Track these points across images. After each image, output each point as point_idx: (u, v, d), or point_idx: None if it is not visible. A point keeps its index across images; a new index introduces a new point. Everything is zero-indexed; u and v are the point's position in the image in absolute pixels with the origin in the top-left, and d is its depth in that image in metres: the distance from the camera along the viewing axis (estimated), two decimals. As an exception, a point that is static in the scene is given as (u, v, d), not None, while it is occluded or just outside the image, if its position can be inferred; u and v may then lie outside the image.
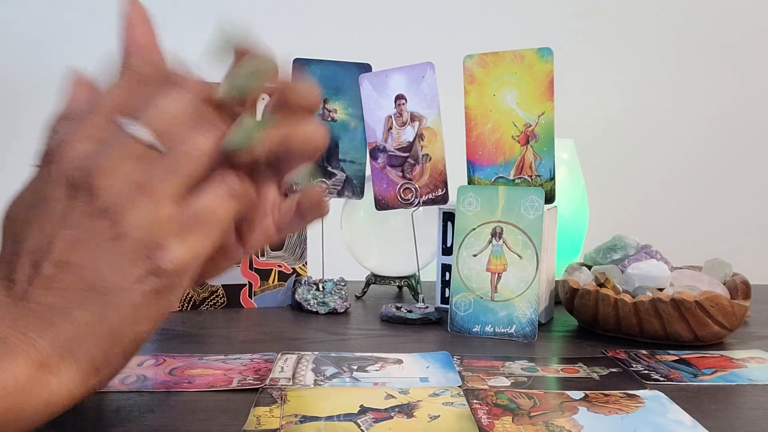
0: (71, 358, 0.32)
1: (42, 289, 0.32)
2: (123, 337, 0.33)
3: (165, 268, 0.33)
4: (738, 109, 1.21)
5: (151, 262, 0.32)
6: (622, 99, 1.22)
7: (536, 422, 0.42)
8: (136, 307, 0.33)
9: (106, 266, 0.32)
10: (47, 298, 0.32)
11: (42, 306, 0.32)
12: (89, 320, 0.32)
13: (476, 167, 0.68)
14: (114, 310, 0.32)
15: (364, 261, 0.83)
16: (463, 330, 0.65)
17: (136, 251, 0.32)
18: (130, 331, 0.33)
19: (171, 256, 0.33)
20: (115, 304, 0.32)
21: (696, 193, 1.22)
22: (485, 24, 1.20)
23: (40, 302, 0.32)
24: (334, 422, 0.42)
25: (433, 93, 0.68)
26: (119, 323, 0.32)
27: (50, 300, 0.32)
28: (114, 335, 0.32)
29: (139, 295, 0.33)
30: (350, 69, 0.74)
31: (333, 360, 0.55)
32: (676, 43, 1.21)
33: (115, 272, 0.32)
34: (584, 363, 0.55)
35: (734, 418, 0.44)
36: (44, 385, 0.31)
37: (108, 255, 0.32)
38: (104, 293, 0.32)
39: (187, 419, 0.43)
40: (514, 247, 0.64)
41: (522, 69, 0.65)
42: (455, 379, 0.50)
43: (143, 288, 0.33)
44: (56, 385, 0.31)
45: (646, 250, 0.70)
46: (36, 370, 0.31)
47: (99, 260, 0.32)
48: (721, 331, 0.60)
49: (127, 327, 0.33)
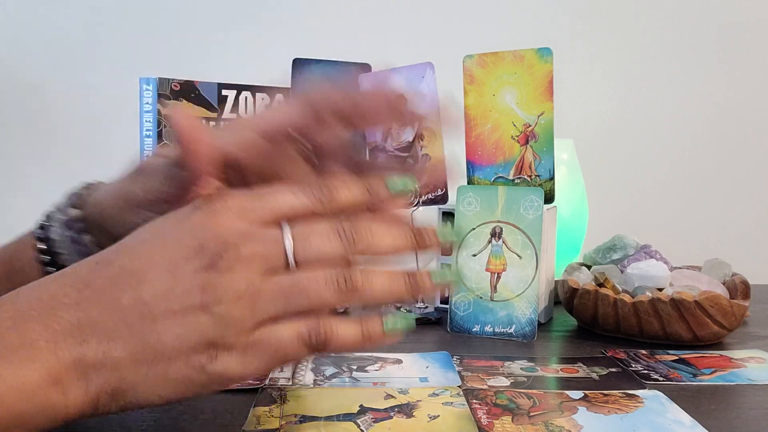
0: (85, 382, 0.32)
1: (106, 312, 0.32)
2: (134, 394, 0.33)
3: (215, 369, 0.32)
4: (737, 109, 1.21)
5: (209, 355, 0.32)
6: (622, 99, 1.22)
7: (536, 422, 0.42)
8: (166, 382, 0.33)
9: (171, 332, 0.32)
10: (103, 320, 0.32)
11: (91, 323, 0.32)
12: (121, 361, 0.32)
13: (476, 167, 0.68)
14: (148, 368, 0.32)
15: (364, 261, 0.83)
16: (462, 330, 0.65)
17: (207, 338, 0.32)
18: (142, 395, 0.33)
19: (228, 363, 0.33)
20: (153, 367, 0.32)
21: (695, 193, 1.22)
22: (485, 24, 1.19)
23: (92, 319, 0.32)
24: (334, 422, 0.42)
25: (432, 93, 0.68)
26: (143, 381, 0.32)
27: (104, 323, 0.32)
28: (130, 388, 0.32)
29: (176, 374, 0.32)
30: (350, 69, 0.74)
31: (332, 360, 0.55)
32: (675, 43, 1.21)
33: (176, 342, 0.32)
34: (584, 363, 0.55)
35: (733, 417, 0.44)
36: (48, 398, 0.31)
37: (181, 323, 0.32)
38: (152, 351, 0.32)
39: (186, 419, 0.43)
40: (513, 247, 0.64)
41: (521, 69, 0.65)
42: (455, 379, 0.50)
43: (185, 372, 0.32)
44: (60, 403, 0.31)
45: (646, 250, 0.70)
46: (49, 384, 0.31)
47: (171, 321, 0.32)
48: (721, 331, 0.60)
49: (144, 391, 0.33)
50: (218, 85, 0.73)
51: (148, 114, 0.70)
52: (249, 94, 0.75)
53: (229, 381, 0.34)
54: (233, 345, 0.32)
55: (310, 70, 0.75)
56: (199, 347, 0.32)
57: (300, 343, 0.33)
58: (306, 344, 0.33)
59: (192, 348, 0.32)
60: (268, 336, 0.33)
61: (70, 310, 0.32)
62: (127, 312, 0.32)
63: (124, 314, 0.32)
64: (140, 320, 0.32)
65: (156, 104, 0.70)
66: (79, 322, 0.32)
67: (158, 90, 0.70)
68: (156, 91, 0.69)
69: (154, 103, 0.70)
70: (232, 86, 0.74)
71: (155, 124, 0.70)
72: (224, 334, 0.32)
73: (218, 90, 0.73)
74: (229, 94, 0.74)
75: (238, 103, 0.74)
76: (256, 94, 0.76)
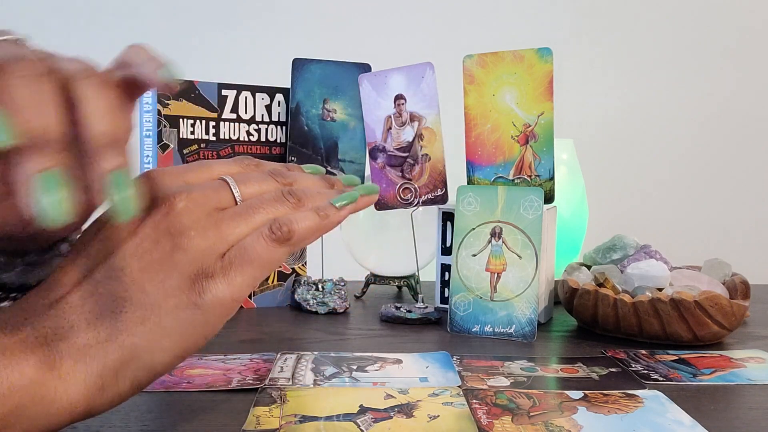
0: (83, 365, 0.32)
1: (86, 294, 0.32)
2: (139, 360, 0.33)
3: (206, 300, 0.33)
4: (737, 109, 1.22)
5: (196, 290, 0.33)
6: (622, 99, 1.22)
7: (535, 422, 0.42)
8: (165, 331, 0.33)
9: (152, 280, 0.33)
10: (86, 303, 0.32)
11: (75, 308, 0.32)
12: (115, 330, 0.32)
13: (476, 167, 0.68)
14: (142, 325, 0.32)
15: (364, 261, 0.83)
16: (462, 330, 0.65)
17: (187, 274, 0.33)
18: (148, 356, 0.33)
19: (215, 290, 0.33)
20: (146, 321, 0.32)
21: (695, 193, 1.22)
22: (485, 24, 1.20)
23: (74, 305, 0.32)
24: (334, 422, 0.42)
25: (432, 93, 0.68)
26: (142, 342, 0.33)
27: (87, 306, 0.32)
28: (132, 353, 0.32)
29: (173, 320, 0.33)
30: (350, 69, 0.74)
31: (332, 360, 0.55)
32: (675, 43, 1.21)
33: (159, 289, 0.33)
34: (584, 363, 0.56)
35: (733, 417, 0.44)
36: (49, 389, 0.31)
37: (159, 270, 0.33)
38: (140, 307, 0.32)
39: (186, 419, 0.43)
40: (513, 247, 0.64)
41: (521, 69, 0.65)
42: (455, 379, 0.50)
43: (179, 314, 0.33)
44: (62, 391, 0.31)
45: (646, 250, 0.70)
46: (45, 371, 0.31)
47: (148, 272, 0.33)
48: (721, 330, 0.60)
49: (148, 349, 0.33)
50: (218, 85, 0.73)
51: (148, 114, 0.70)
52: (249, 94, 0.75)
53: (223, 308, 0.34)
54: (213, 271, 0.34)
55: (310, 70, 0.75)
56: (183, 285, 0.33)
57: (268, 241, 0.35)
58: (273, 239, 0.35)
59: (177, 288, 0.33)
60: (239, 250, 0.34)
61: (45, 296, 0.33)
62: (107, 285, 0.33)
63: (104, 289, 0.33)
64: (119, 285, 0.33)
65: (156, 104, 0.70)
66: (65, 312, 0.32)
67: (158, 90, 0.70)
68: (156, 91, 0.69)
69: (153, 103, 0.70)
70: (232, 86, 0.74)
71: (155, 124, 0.70)
72: (201, 265, 0.33)
73: (218, 90, 0.73)
74: (229, 94, 0.74)
75: (238, 103, 0.74)
76: (256, 94, 0.76)
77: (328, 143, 0.75)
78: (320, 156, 0.75)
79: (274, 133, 0.77)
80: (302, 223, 0.36)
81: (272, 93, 0.77)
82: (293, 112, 0.75)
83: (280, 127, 0.77)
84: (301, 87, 0.75)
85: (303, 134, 0.75)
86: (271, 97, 0.77)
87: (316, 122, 0.75)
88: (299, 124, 0.75)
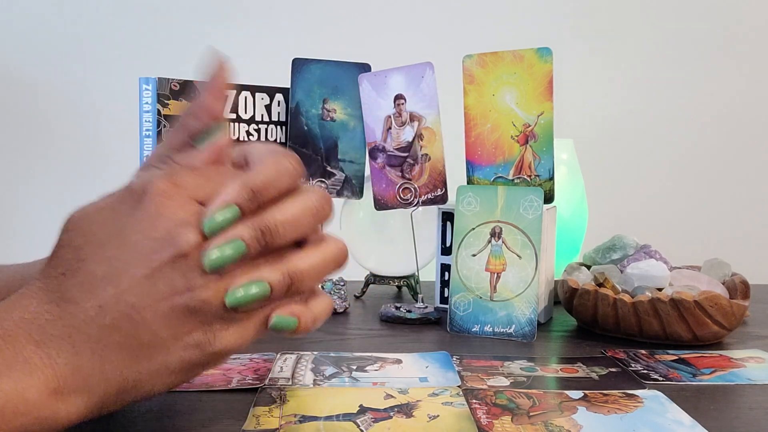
0: (86, 390, 0.32)
1: (92, 321, 0.32)
2: (141, 389, 0.33)
3: (215, 347, 0.33)
4: (737, 109, 1.22)
5: (205, 336, 0.33)
6: (622, 99, 1.22)
7: (535, 422, 0.42)
8: (169, 369, 0.33)
9: (163, 320, 0.32)
10: (91, 329, 0.32)
11: (81, 334, 0.32)
12: (119, 363, 0.32)
13: (475, 167, 0.68)
14: (148, 362, 0.32)
15: (364, 261, 0.83)
16: (462, 330, 0.65)
17: (198, 318, 0.33)
18: (149, 386, 0.33)
19: (225, 337, 0.33)
20: (152, 359, 0.32)
21: (695, 193, 1.22)
22: (485, 24, 1.20)
23: (81, 330, 0.32)
24: (334, 422, 0.42)
25: (432, 93, 0.68)
26: (145, 376, 0.33)
27: (93, 332, 0.32)
28: (135, 384, 0.33)
29: (178, 361, 0.33)
30: (350, 69, 0.74)
31: (332, 360, 0.55)
32: (676, 43, 1.21)
33: (168, 330, 0.32)
34: (583, 363, 0.55)
35: (733, 417, 0.44)
36: (53, 410, 0.31)
37: (170, 310, 0.32)
38: (147, 345, 0.32)
39: (186, 419, 0.43)
40: (513, 247, 0.64)
41: (521, 69, 0.65)
42: (454, 379, 0.50)
43: (184, 355, 0.33)
44: (63, 412, 0.31)
45: (646, 250, 0.70)
46: (49, 395, 0.31)
47: (160, 311, 0.32)
48: (720, 330, 0.60)
49: (150, 382, 0.33)
50: (218, 85, 0.73)
51: (148, 114, 0.70)
52: (249, 94, 0.75)
53: (231, 353, 0.34)
54: (228, 321, 0.33)
55: (310, 70, 0.75)
56: (194, 330, 0.33)
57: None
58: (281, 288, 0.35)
59: (187, 332, 0.33)
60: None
61: (56, 325, 0.32)
62: (115, 317, 0.32)
63: (112, 320, 0.32)
64: (128, 321, 0.32)
65: (156, 104, 0.70)
66: (70, 336, 0.31)
67: (158, 90, 0.70)
68: (155, 91, 0.69)
69: (153, 103, 0.70)
70: (231, 86, 0.74)
71: (155, 124, 0.70)
72: (217, 312, 0.33)
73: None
74: (229, 94, 0.74)
75: (237, 103, 0.74)
76: (256, 94, 0.76)
77: (327, 143, 0.75)
78: (320, 156, 0.75)
79: (273, 133, 0.77)
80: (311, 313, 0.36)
81: (272, 93, 0.77)
82: (293, 112, 0.75)
83: (279, 127, 0.77)
84: (301, 87, 0.75)
85: (303, 134, 0.75)
86: (270, 97, 0.77)
87: (316, 122, 0.75)
88: (299, 124, 0.75)
